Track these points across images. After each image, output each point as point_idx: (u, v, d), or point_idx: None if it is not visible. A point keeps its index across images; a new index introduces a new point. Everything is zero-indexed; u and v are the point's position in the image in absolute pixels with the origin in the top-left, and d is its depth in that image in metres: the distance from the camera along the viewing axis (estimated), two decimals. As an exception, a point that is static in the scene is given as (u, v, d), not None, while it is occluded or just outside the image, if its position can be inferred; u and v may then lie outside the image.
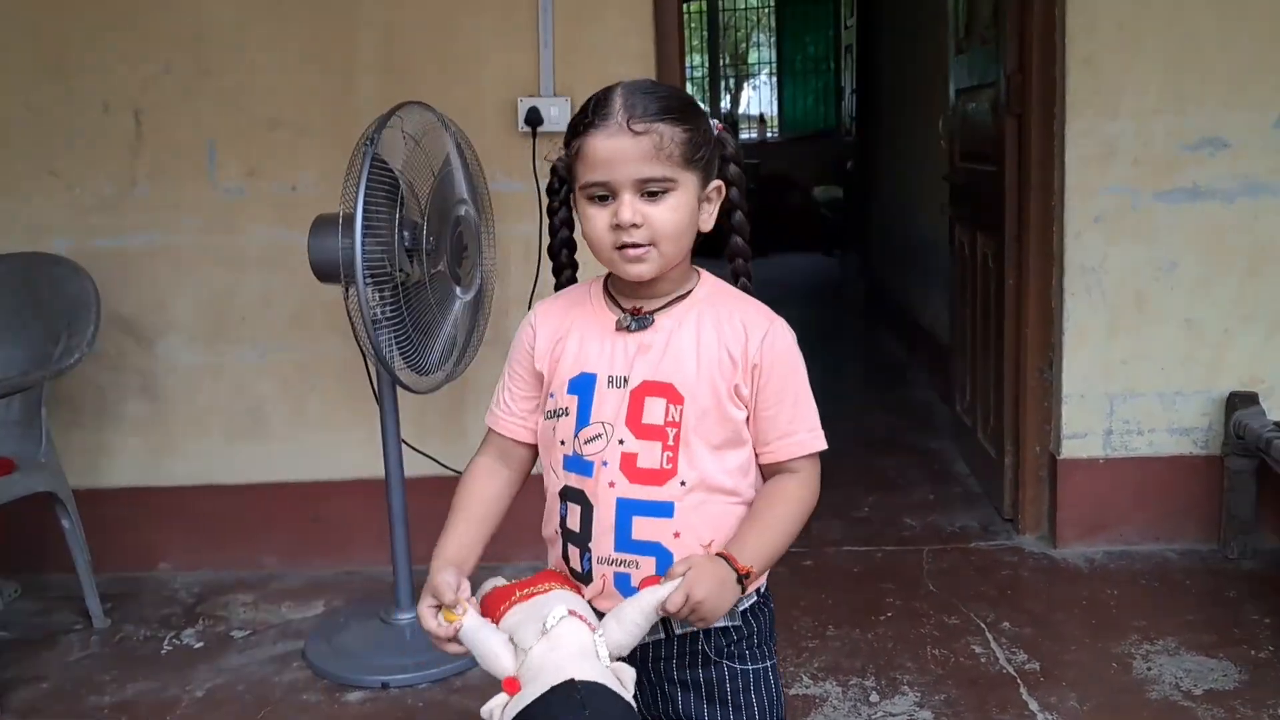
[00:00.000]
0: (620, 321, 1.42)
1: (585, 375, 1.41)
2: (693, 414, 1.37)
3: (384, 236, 2.47)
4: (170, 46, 3.18)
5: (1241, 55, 3.04)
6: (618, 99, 1.34)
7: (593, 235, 1.37)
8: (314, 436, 3.33)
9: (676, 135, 1.34)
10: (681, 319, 1.41)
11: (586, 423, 1.40)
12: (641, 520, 1.37)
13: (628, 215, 1.33)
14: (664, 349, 1.39)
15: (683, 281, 1.44)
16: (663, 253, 1.36)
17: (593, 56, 3.12)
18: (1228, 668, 2.58)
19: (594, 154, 1.33)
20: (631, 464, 1.37)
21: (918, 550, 3.29)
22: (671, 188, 1.34)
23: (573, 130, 1.37)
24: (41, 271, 3.08)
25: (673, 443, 1.37)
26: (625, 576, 1.38)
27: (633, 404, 1.38)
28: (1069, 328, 3.18)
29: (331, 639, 2.85)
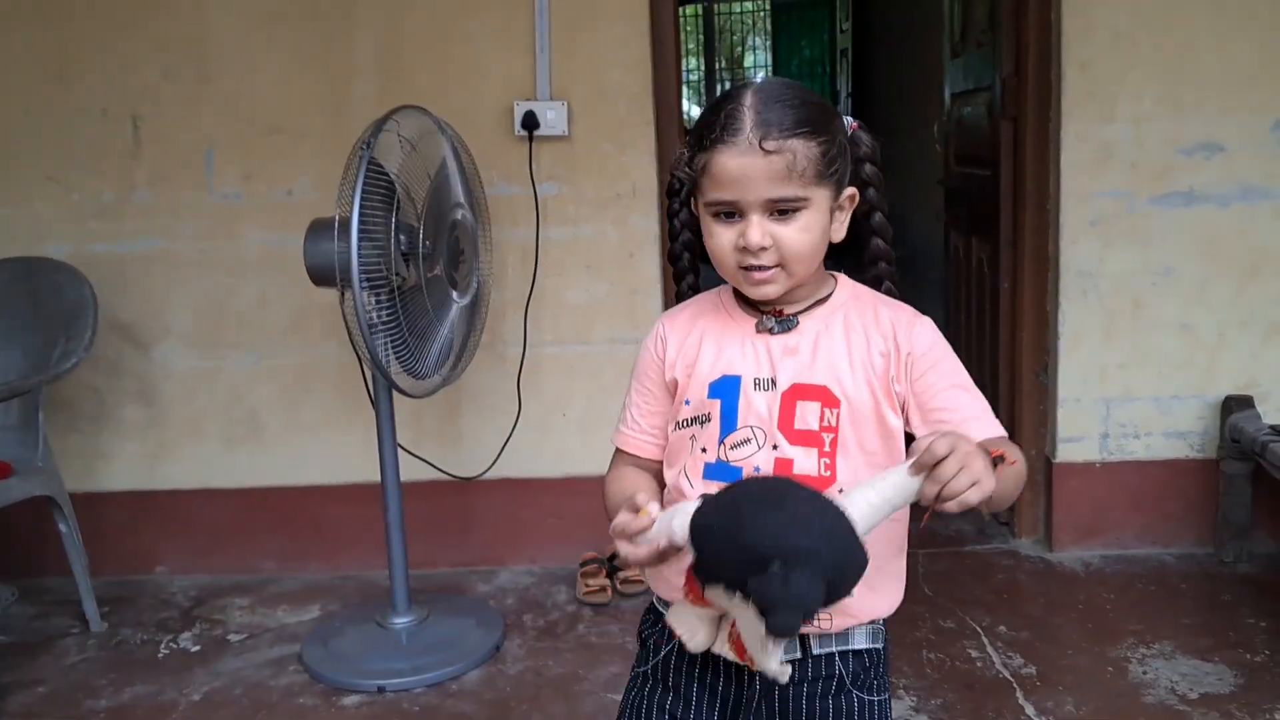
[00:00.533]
0: (762, 323, 1.34)
1: (728, 378, 1.33)
2: (849, 418, 1.29)
3: (380, 241, 2.48)
4: (169, 53, 3.19)
5: (1237, 61, 3.05)
6: (748, 114, 1.24)
7: (717, 253, 1.30)
8: (310, 441, 3.33)
9: (810, 152, 1.25)
10: (827, 320, 1.33)
11: (734, 427, 1.31)
12: None
13: (755, 238, 1.25)
14: (813, 351, 1.31)
15: (820, 286, 1.36)
16: (791, 273, 1.28)
17: (590, 62, 3.13)
18: (1223, 672, 2.59)
19: (722, 172, 1.25)
20: (787, 469, 1.28)
21: (913, 554, 3.24)
22: (803, 206, 1.26)
23: (698, 142, 1.28)
24: (40, 276, 3.08)
25: (829, 449, 1.29)
26: None
27: (784, 408, 1.29)
28: (1065, 332, 3.19)
29: (328, 643, 2.85)
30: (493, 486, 3.23)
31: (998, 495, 1.15)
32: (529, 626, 2.95)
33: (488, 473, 3.21)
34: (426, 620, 2.89)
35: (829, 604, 1.05)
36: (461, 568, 3.30)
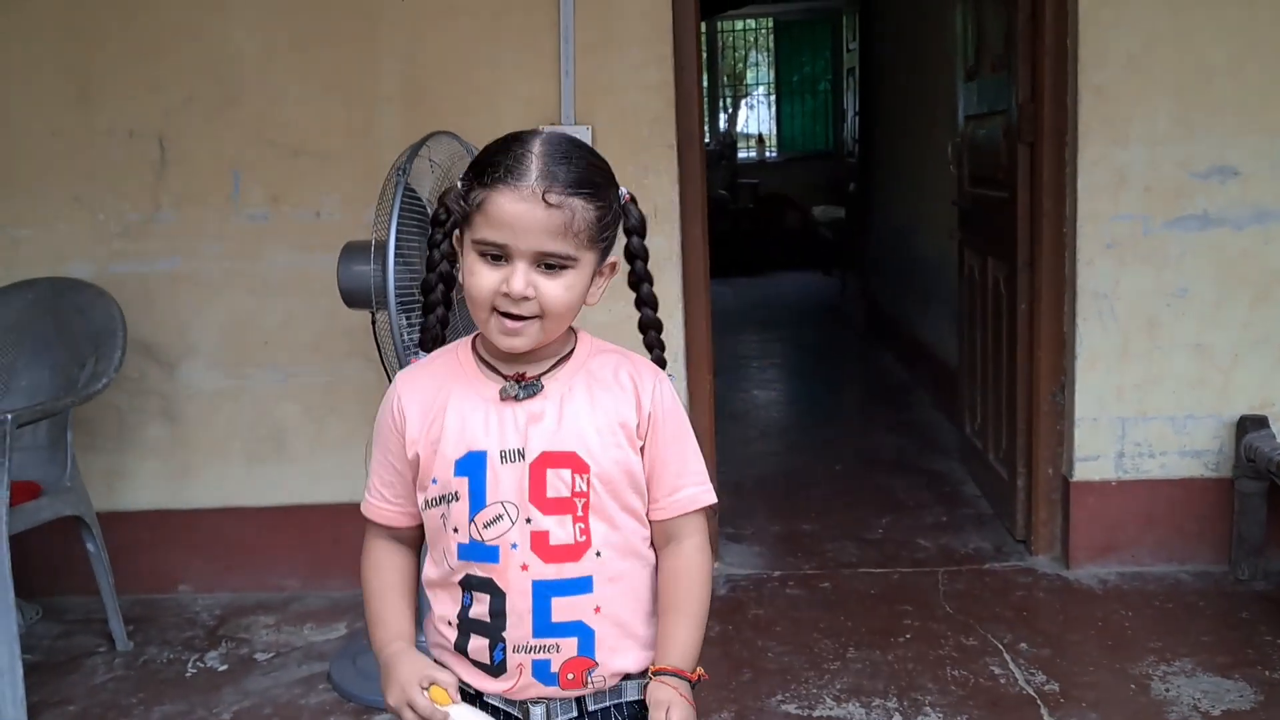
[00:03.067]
0: (505, 390, 1.32)
1: (473, 454, 1.31)
2: (600, 480, 1.31)
3: (414, 264, 2.51)
4: (195, 75, 3.23)
5: (1251, 85, 3.10)
6: (535, 162, 1.24)
7: (475, 292, 1.27)
8: (334, 459, 3.35)
9: (588, 214, 1.26)
10: (570, 381, 1.33)
11: (483, 504, 1.30)
12: (560, 600, 1.30)
13: (519, 286, 1.24)
14: (559, 416, 1.31)
15: (562, 343, 1.36)
16: (545, 328, 1.28)
17: (613, 85, 3.17)
18: (1244, 688, 2.62)
19: (499, 213, 1.24)
20: (544, 542, 1.29)
21: (933, 572, 3.33)
22: (571, 265, 1.27)
23: (478, 177, 1.27)
24: (68, 297, 3.11)
25: (583, 513, 1.30)
26: (545, 663, 1.31)
27: (534, 478, 1.29)
28: (1081, 352, 3.23)
29: (356, 661, 2.87)
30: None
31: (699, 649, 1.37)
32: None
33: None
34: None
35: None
36: (484, 585, 3.32)
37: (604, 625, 1.32)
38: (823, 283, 9.32)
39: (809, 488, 4.18)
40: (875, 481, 4.18)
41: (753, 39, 12.38)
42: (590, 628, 1.32)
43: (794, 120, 11.83)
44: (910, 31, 5.81)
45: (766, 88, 12.41)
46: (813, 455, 4.65)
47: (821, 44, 11.20)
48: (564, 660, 1.31)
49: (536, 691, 1.32)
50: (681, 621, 1.35)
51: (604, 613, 1.32)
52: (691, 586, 1.37)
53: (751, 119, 12.80)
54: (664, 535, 1.38)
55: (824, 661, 2.81)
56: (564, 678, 1.32)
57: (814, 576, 3.33)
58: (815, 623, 3.01)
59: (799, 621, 3.03)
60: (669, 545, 1.38)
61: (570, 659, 1.31)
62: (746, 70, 12.76)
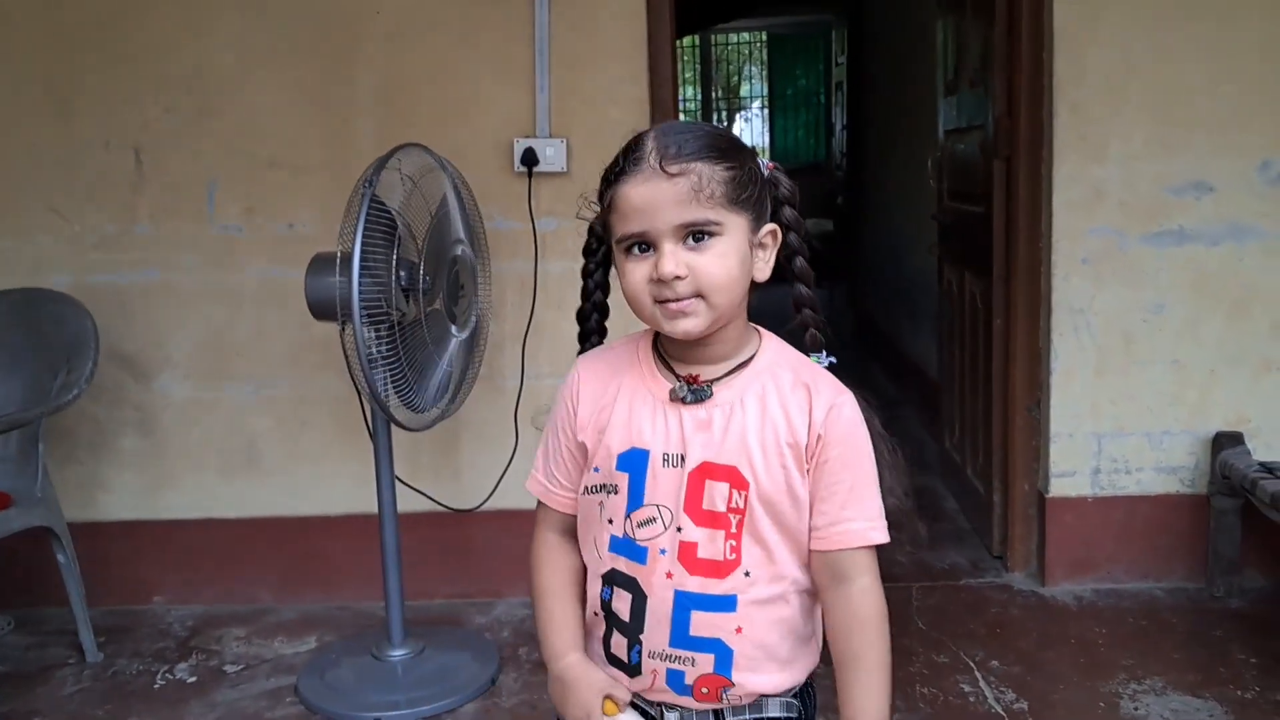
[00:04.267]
0: (675, 392, 1.27)
1: (637, 451, 1.27)
2: (759, 499, 1.25)
3: (381, 276, 2.51)
4: (171, 87, 3.22)
5: (1226, 102, 3.10)
6: (649, 141, 1.22)
7: (631, 291, 1.23)
8: (308, 472, 3.35)
9: (717, 174, 1.20)
10: (743, 391, 1.27)
11: (640, 503, 1.26)
12: (701, 615, 1.25)
13: (669, 267, 1.19)
14: (725, 427, 1.25)
15: (741, 344, 1.30)
16: (712, 304, 1.22)
17: (589, 100, 3.17)
18: (1214, 708, 2.61)
19: (627, 202, 1.21)
20: (691, 554, 1.25)
21: (907, 587, 3.32)
22: (717, 231, 1.21)
23: (605, 182, 1.24)
24: (42, 307, 3.10)
25: (736, 530, 1.25)
26: (679, 674, 1.27)
27: (691, 487, 1.25)
28: (1057, 368, 3.22)
29: (324, 674, 2.87)
30: (490, 518, 3.25)
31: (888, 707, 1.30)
32: (524, 660, 2.96)
33: (485, 504, 3.23)
34: (422, 653, 2.90)
35: None
36: (458, 599, 3.32)
37: (744, 646, 1.27)
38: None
39: (789, 502, 4.16)
40: (855, 496, 4.16)
41: (747, 52, 12.40)
42: (729, 647, 1.26)
43: (787, 133, 11.84)
44: (897, 46, 5.82)
45: (761, 101, 12.43)
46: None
47: (814, 57, 11.22)
48: (699, 674, 1.27)
49: (670, 698, 1.29)
50: (862, 678, 1.28)
51: (746, 634, 1.26)
52: (866, 636, 1.29)
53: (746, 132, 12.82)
54: (827, 571, 1.29)
55: (793, 677, 2.79)
56: (698, 691, 1.28)
57: (788, 592, 3.31)
58: (786, 638, 3.00)
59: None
60: (834, 586, 1.29)
61: (705, 675, 1.27)
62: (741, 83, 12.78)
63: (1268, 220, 3.13)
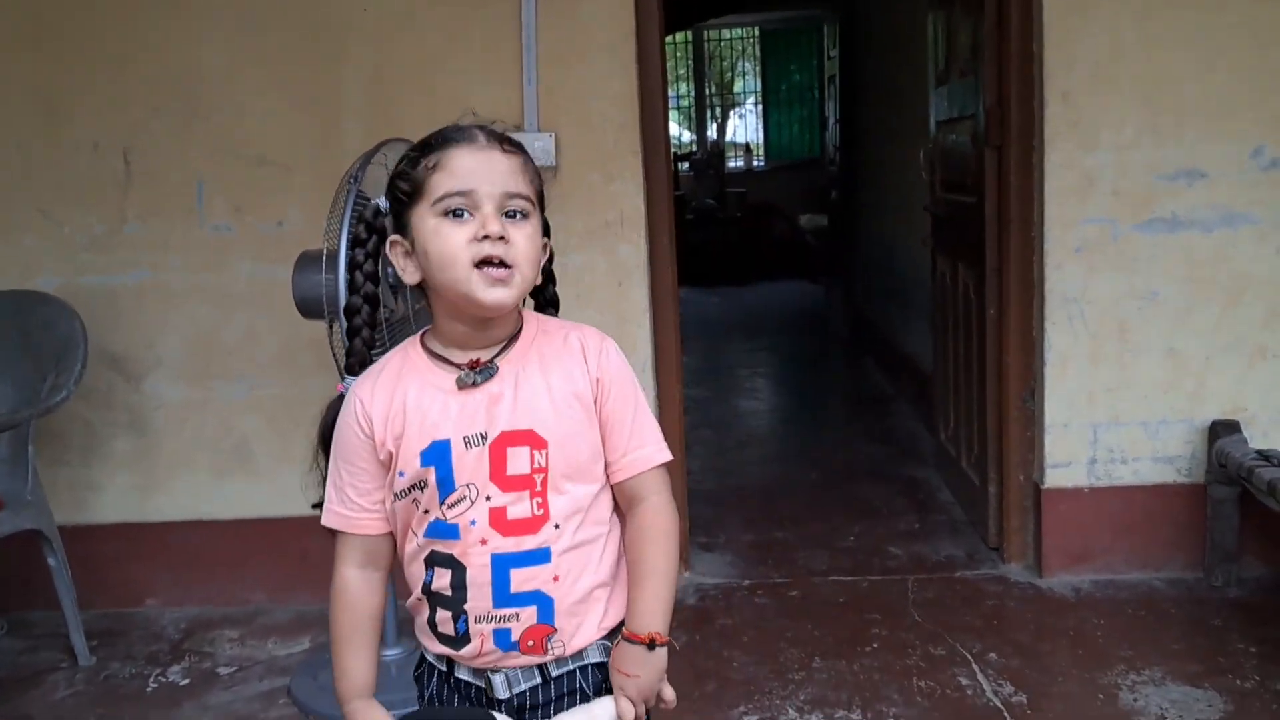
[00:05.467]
0: (462, 379, 1.35)
1: (437, 443, 1.34)
2: (558, 454, 1.34)
3: (369, 274, 2.48)
4: (159, 88, 3.21)
5: (1217, 89, 3.08)
6: (477, 129, 1.35)
7: (448, 251, 1.29)
8: (300, 472, 3.29)
9: (532, 169, 1.36)
10: (523, 360, 1.37)
11: (451, 488, 1.34)
12: (519, 572, 1.34)
13: (495, 226, 1.29)
14: (514, 396, 1.34)
15: (512, 321, 1.40)
16: (523, 278, 1.32)
17: (577, 93, 3.15)
18: (1213, 698, 2.59)
19: (459, 162, 1.30)
20: (501, 517, 1.33)
21: (903, 580, 3.30)
22: (529, 212, 1.33)
23: (423, 152, 1.34)
24: (31, 310, 3.09)
25: (541, 488, 1.34)
26: (505, 631, 1.35)
27: (494, 458, 1.33)
28: (1051, 358, 3.21)
29: (317, 675, 2.85)
30: (483, 516, 3.24)
31: (669, 611, 1.40)
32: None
33: (478, 502, 3.22)
34: (415, 652, 2.87)
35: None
36: (452, 598, 3.30)
37: (562, 593, 1.35)
38: (809, 291, 9.30)
39: (784, 497, 4.16)
40: (850, 490, 4.16)
41: (740, 48, 12.39)
42: (549, 596, 1.35)
43: (781, 129, 11.82)
44: (888, 38, 5.80)
45: (755, 96, 12.42)
46: (790, 464, 4.63)
47: (807, 52, 11.21)
48: (524, 628, 1.35)
49: (498, 658, 1.37)
50: (647, 585, 1.39)
51: (562, 581, 1.35)
52: (655, 547, 1.40)
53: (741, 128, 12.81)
54: (626, 498, 1.41)
55: (789, 672, 2.78)
56: (524, 644, 1.36)
57: (783, 585, 3.30)
58: (782, 632, 2.99)
59: (766, 631, 3.00)
60: (631, 507, 1.41)
61: (530, 627, 1.35)
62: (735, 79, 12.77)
63: (1260, 207, 3.12)
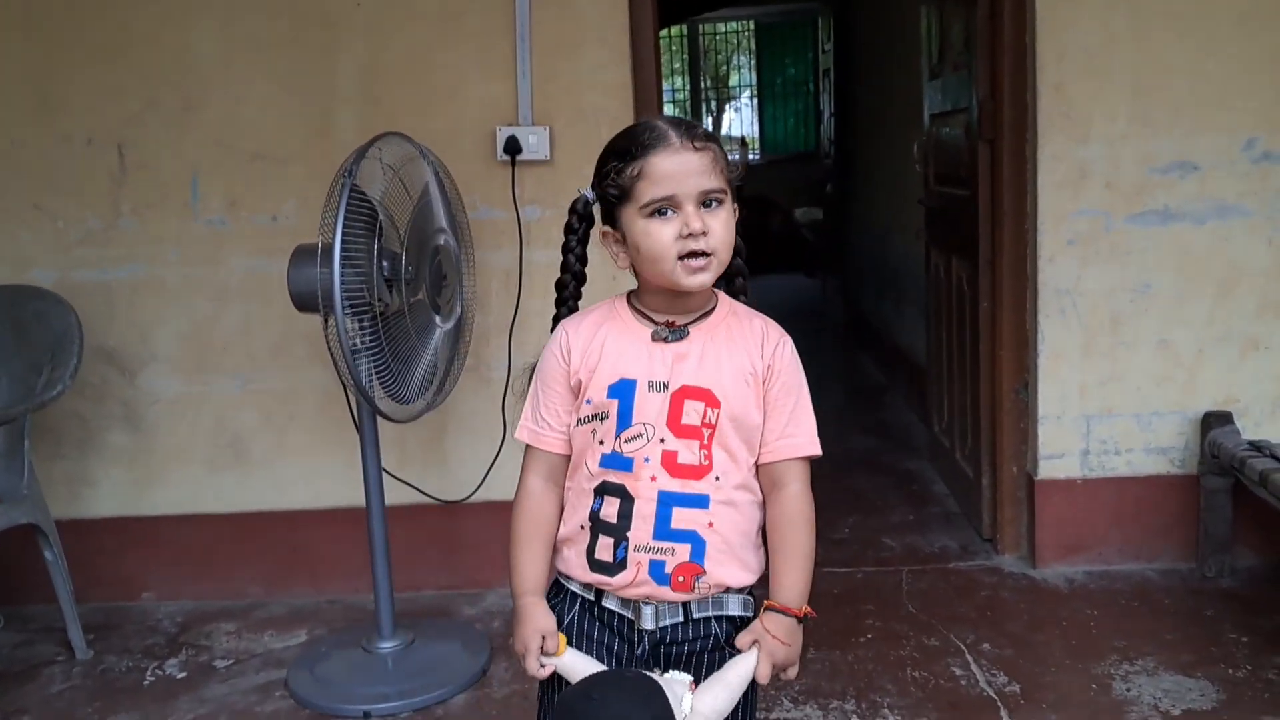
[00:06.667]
0: (657, 333, 1.51)
1: (625, 381, 1.50)
2: (726, 416, 1.48)
3: (363, 266, 2.49)
4: (153, 81, 3.21)
5: (1210, 81, 3.09)
6: (664, 124, 1.47)
7: (657, 248, 1.44)
8: (295, 465, 3.34)
9: (721, 155, 1.48)
10: (711, 332, 1.52)
11: (629, 424, 1.49)
12: (680, 511, 1.47)
13: (698, 224, 1.43)
14: (699, 358, 1.50)
15: (708, 299, 1.55)
16: (720, 261, 1.47)
17: (571, 87, 3.15)
18: (1206, 687, 2.61)
19: (659, 170, 1.44)
20: (672, 460, 1.48)
21: (897, 571, 3.32)
22: (724, 200, 1.47)
23: (624, 158, 1.46)
24: (25, 304, 3.09)
25: (708, 441, 1.48)
26: (660, 564, 1.48)
27: (673, 406, 1.48)
28: (1044, 350, 3.21)
29: (314, 668, 2.86)
30: (479, 509, 3.25)
31: (809, 587, 1.53)
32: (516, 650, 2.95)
33: (473, 495, 3.23)
34: (412, 644, 2.89)
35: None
36: (448, 590, 3.31)
37: (714, 539, 1.48)
38: (805, 285, 9.30)
39: (780, 489, 4.16)
40: (845, 482, 4.17)
41: (735, 41, 12.37)
42: (703, 538, 1.48)
43: (777, 122, 11.81)
44: (883, 32, 5.80)
45: (750, 90, 12.40)
46: (786, 457, 4.62)
47: (802, 46, 11.19)
48: (677, 563, 1.48)
49: (649, 590, 1.49)
50: (791, 562, 1.51)
51: (715, 528, 1.48)
52: (799, 530, 1.52)
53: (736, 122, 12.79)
54: (770, 480, 1.53)
55: (784, 663, 2.78)
56: (675, 579, 1.48)
57: (778, 578, 3.31)
58: (777, 624, 2.99)
59: (760, 623, 3.01)
60: (775, 492, 1.53)
61: (683, 563, 1.48)
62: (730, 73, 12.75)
63: (1252, 199, 3.13)
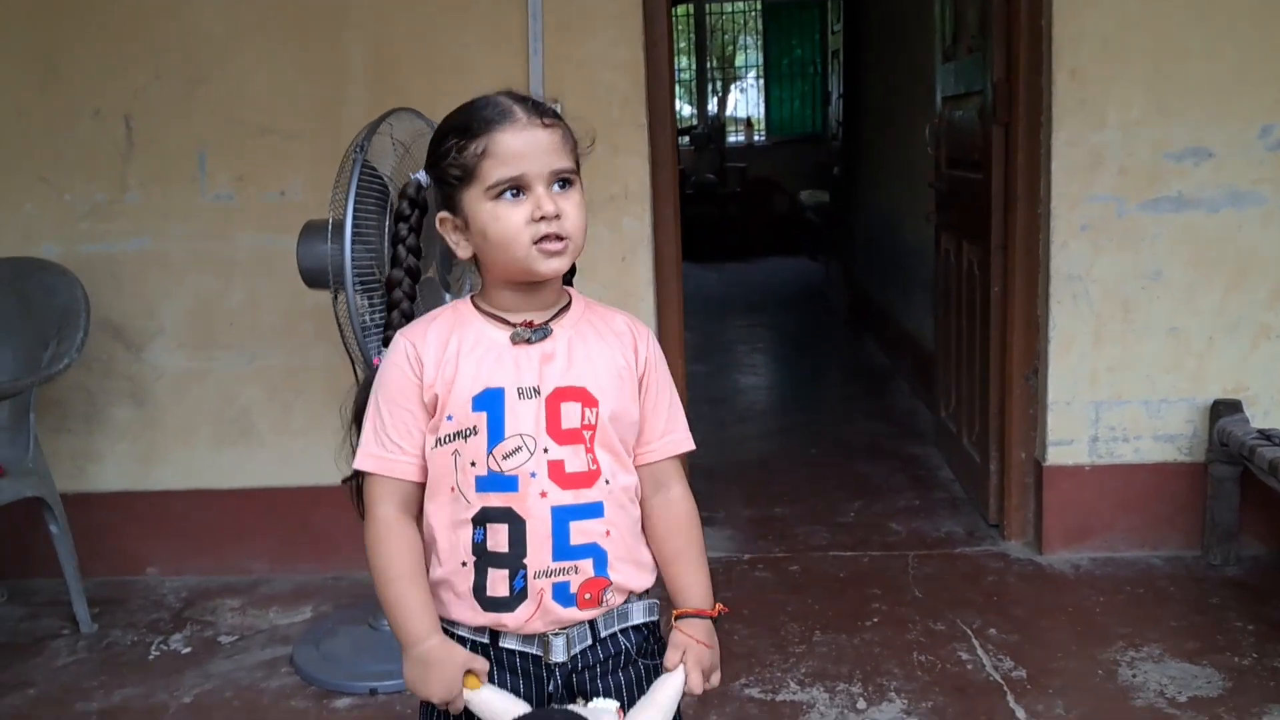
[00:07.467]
0: (517, 335, 1.39)
1: (490, 390, 1.37)
2: (606, 415, 1.40)
3: (373, 243, 2.48)
4: (161, 55, 3.19)
5: (1226, 67, 3.07)
6: (507, 100, 1.35)
7: (507, 232, 1.33)
8: (301, 442, 3.33)
9: (570, 135, 1.38)
10: (575, 327, 1.42)
11: (501, 437, 1.36)
12: (577, 524, 1.38)
13: (550, 206, 1.32)
14: (569, 356, 1.40)
15: (559, 294, 1.44)
16: (575, 246, 1.37)
17: (583, 64, 3.13)
18: (1211, 675, 2.60)
19: (507, 148, 1.32)
20: (560, 470, 1.37)
21: (903, 556, 3.31)
22: (575, 181, 1.37)
23: (465, 134, 1.34)
24: (32, 277, 3.08)
25: (590, 444, 1.39)
26: (564, 585, 1.37)
27: (550, 411, 1.37)
28: (1054, 336, 3.20)
29: (320, 645, 2.85)
30: (484, 488, 3.24)
31: None
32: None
33: (479, 474, 3.22)
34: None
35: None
36: (453, 569, 3.30)
37: (613, 547, 1.40)
38: (809, 268, 9.29)
39: (784, 472, 4.17)
40: (850, 466, 4.16)
41: (742, 21, 12.32)
42: (603, 549, 1.40)
43: (783, 104, 11.78)
44: (894, 12, 5.76)
45: (756, 70, 12.36)
46: (790, 440, 4.63)
47: (810, 27, 11.15)
48: (582, 580, 1.39)
49: (554, 618, 1.38)
50: (692, 566, 1.48)
51: (614, 535, 1.40)
52: (692, 531, 1.49)
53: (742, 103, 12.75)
54: (653, 480, 1.47)
55: (789, 645, 2.79)
56: (581, 598, 1.39)
57: (783, 559, 3.31)
58: (783, 606, 3.00)
59: (766, 605, 3.01)
60: (658, 493, 1.48)
61: (588, 579, 1.39)
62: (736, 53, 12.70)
63: (1267, 186, 3.11)
